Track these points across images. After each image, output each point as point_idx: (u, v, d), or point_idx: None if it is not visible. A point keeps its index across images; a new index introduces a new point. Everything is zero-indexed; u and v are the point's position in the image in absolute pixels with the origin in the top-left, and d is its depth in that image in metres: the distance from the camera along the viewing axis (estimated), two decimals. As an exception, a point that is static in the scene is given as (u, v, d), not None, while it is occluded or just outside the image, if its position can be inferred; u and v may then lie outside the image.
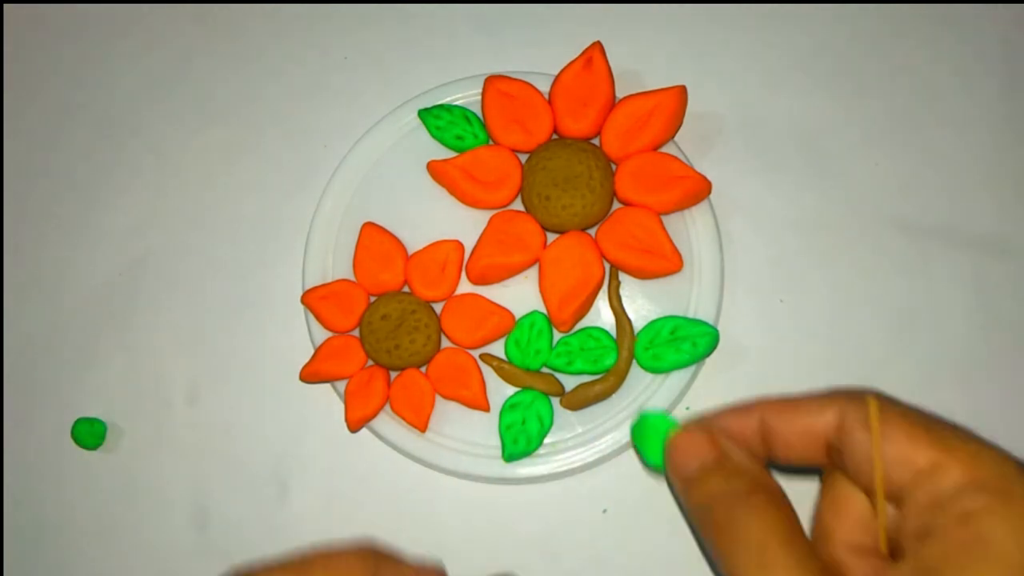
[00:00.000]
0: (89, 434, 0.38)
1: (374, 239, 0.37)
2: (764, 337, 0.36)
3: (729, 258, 0.37)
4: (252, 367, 0.39)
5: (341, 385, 0.36)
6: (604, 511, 0.35)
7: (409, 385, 0.36)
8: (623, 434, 0.35)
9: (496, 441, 0.35)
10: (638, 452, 0.28)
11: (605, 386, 0.35)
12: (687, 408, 0.36)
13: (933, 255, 0.37)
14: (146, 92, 0.43)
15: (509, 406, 0.35)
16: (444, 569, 0.27)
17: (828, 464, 0.25)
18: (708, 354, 0.35)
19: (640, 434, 0.27)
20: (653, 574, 0.34)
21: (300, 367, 0.37)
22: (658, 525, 0.35)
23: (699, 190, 0.36)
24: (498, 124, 0.37)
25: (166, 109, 0.42)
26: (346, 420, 0.36)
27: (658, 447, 0.27)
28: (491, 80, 0.37)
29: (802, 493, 0.26)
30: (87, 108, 0.43)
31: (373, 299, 0.37)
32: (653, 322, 0.35)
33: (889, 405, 0.24)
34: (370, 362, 0.36)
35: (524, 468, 0.35)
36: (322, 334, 0.37)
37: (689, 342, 0.34)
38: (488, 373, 0.36)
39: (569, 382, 0.35)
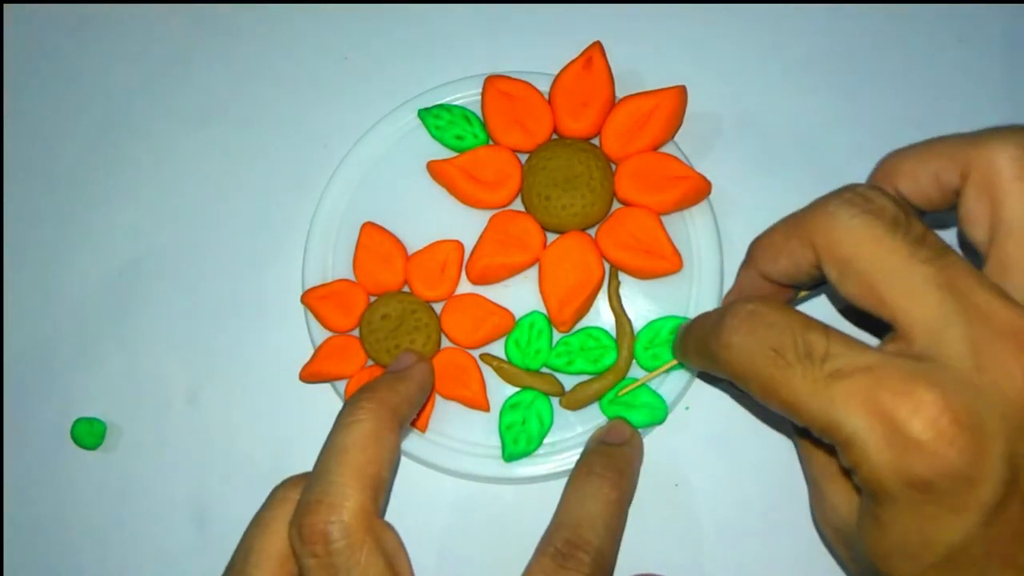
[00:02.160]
0: (88, 434, 0.38)
1: (374, 239, 0.37)
2: (764, 337, 0.36)
3: (729, 258, 0.37)
4: (252, 367, 0.39)
5: (341, 385, 0.36)
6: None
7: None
8: (623, 434, 0.35)
9: (496, 441, 0.35)
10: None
11: (604, 385, 0.35)
12: (687, 408, 0.36)
13: (933, 255, 0.37)
14: (145, 92, 0.43)
15: (509, 406, 0.35)
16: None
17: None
18: (708, 354, 0.35)
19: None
20: (653, 572, 0.34)
21: (300, 367, 0.37)
22: (657, 524, 0.35)
23: (699, 190, 0.36)
24: (498, 124, 0.37)
25: (165, 109, 0.42)
26: (346, 420, 0.35)
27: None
28: (491, 80, 0.37)
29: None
30: (87, 108, 0.43)
31: (373, 299, 0.37)
32: (653, 322, 0.35)
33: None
34: (370, 362, 0.36)
35: (524, 468, 0.35)
36: (322, 334, 0.37)
37: (689, 342, 0.34)
38: (488, 373, 0.36)
39: (569, 382, 0.35)
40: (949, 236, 0.34)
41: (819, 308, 0.35)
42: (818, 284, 0.29)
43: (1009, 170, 0.25)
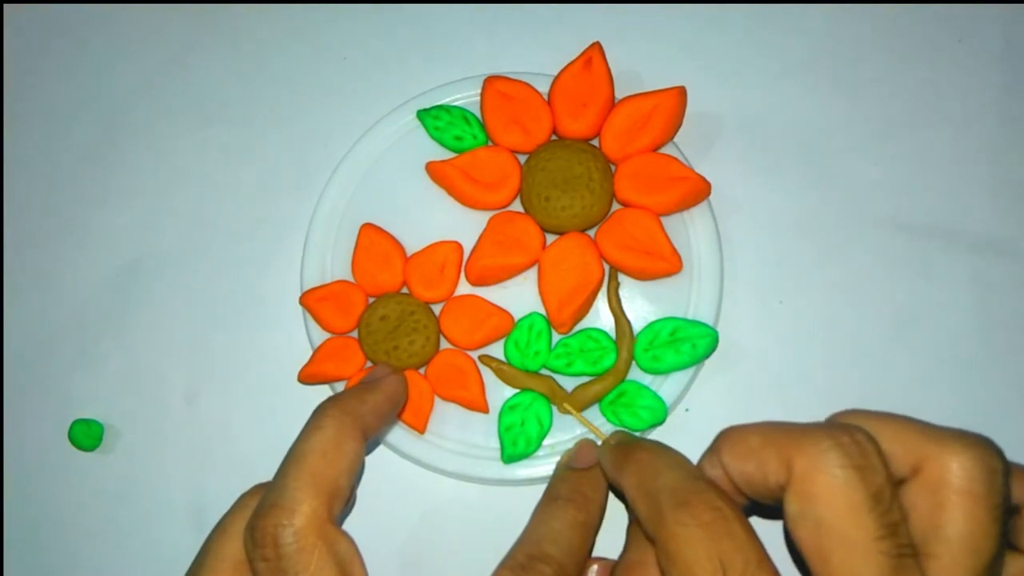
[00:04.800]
0: (86, 435, 0.38)
1: (373, 240, 0.37)
2: (764, 338, 0.36)
3: (729, 259, 0.37)
4: (250, 368, 0.39)
5: (340, 386, 0.36)
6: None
7: (408, 386, 0.35)
8: (622, 435, 0.35)
9: (495, 442, 0.35)
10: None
11: (604, 386, 0.35)
12: (686, 409, 0.36)
13: (933, 255, 0.37)
14: (145, 92, 0.43)
15: (508, 408, 0.35)
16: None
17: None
18: (708, 355, 0.35)
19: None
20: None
21: (299, 368, 0.37)
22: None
23: (699, 191, 0.36)
24: (497, 125, 0.37)
25: (165, 109, 0.42)
26: (345, 421, 0.35)
27: None
28: (490, 81, 0.37)
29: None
30: (87, 108, 0.43)
31: (372, 300, 0.37)
32: (652, 323, 0.35)
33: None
34: (369, 363, 0.36)
35: (523, 469, 0.35)
36: (320, 335, 0.37)
37: (689, 343, 0.34)
38: (487, 375, 0.36)
39: (569, 384, 0.35)
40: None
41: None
42: (764, 505, 0.26)
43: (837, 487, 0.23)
